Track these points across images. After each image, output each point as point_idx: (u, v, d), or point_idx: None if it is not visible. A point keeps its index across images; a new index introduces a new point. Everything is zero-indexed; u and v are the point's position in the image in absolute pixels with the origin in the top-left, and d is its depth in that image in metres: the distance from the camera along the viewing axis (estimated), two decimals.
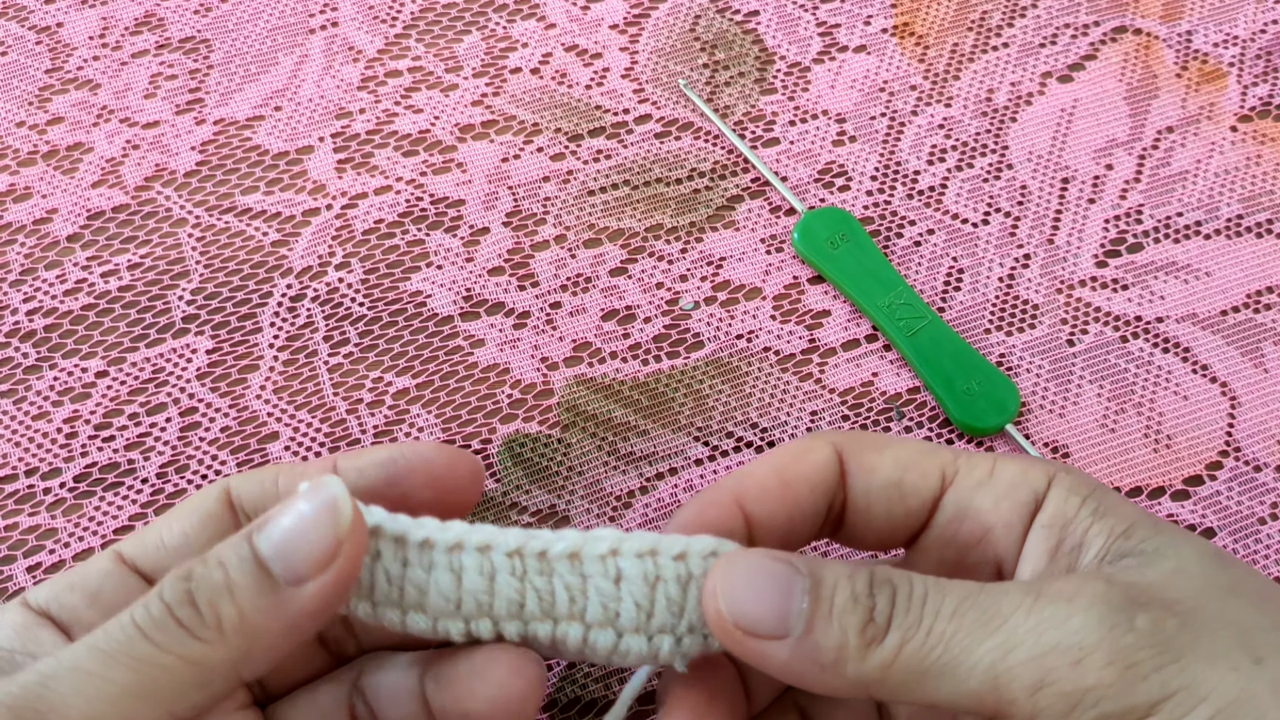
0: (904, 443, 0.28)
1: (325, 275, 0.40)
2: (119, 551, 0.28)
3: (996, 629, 0.23)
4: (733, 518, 0.27)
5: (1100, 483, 0.27)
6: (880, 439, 0.28)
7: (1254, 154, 0.44)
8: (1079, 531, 0.26)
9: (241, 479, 0.29)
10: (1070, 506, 0.26)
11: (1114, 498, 0.27)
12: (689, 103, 0.44)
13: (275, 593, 0.24)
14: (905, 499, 0.28)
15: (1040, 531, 0.26)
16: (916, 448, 0.28)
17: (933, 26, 0.47)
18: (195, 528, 0.28)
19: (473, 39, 0.45)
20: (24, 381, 0.38)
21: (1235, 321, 0.41)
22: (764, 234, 0.42)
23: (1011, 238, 0.42)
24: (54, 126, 0.43)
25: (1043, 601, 0.23)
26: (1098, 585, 0.24)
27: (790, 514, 0.28)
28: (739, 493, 0.27)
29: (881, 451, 0.28)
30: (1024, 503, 0.27)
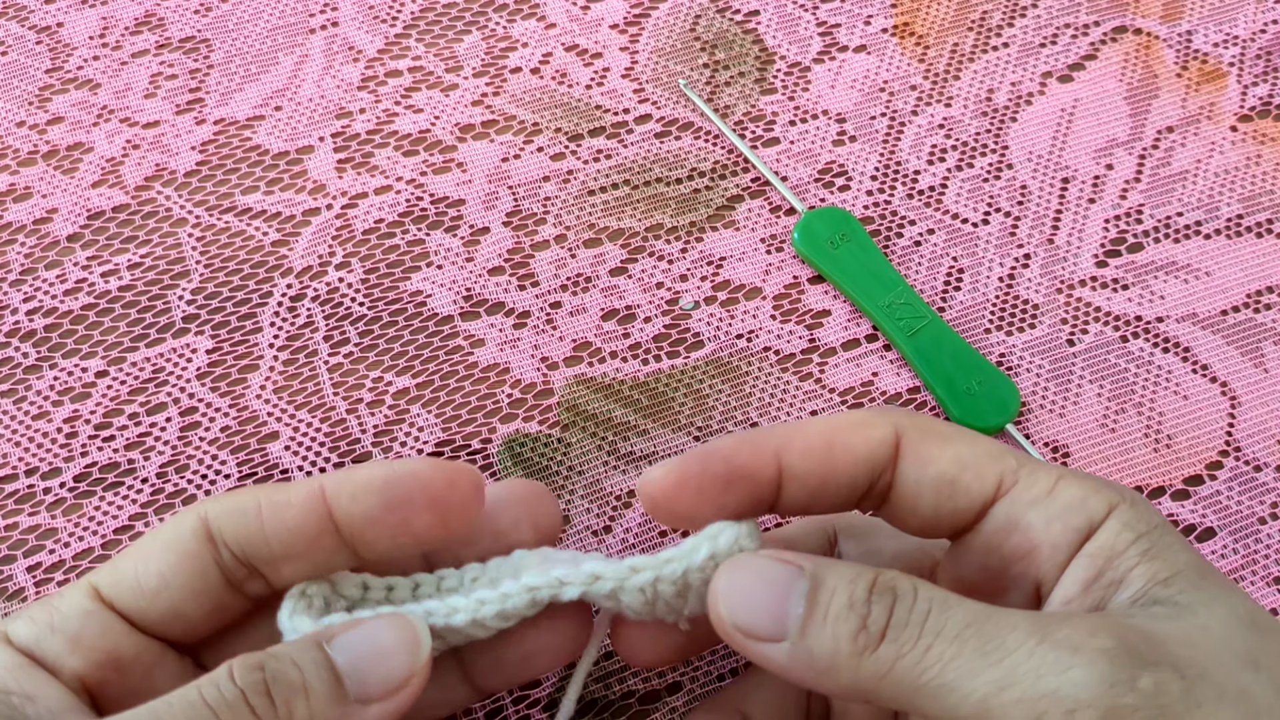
0: (970, 440, 0.27)
1: (325, 275, 0.40)
2: (95, 586, 0.27)
3: (997, 662, 0.23)
4: (765, 467, 0.27)
5: (1165, 521, 0.26)
6: (946, 430, 0.27)
7: (1254, 154, 0.44)
8: (1121, 569, 0.25)
9: (219, 509, 0.27)
10: (1121, 542, 0.25)
11: (1171, 539, 0.25)
12: (689, 102, 0.44)
13: (344, 705, 0.25)
14: (955, 498, 0.27)
15: (1083, 560, 0.25)
16: (982, 448, 0.27)
17: (933, 26, 0.47)
18: (172, 568, 0.27)
19: (473, 39, 0.45)
20: (24, 381, 0.38)
21: (1235, 321, 0.41)
22: (764, 234, 0.42)
23: (1011, 237, 0.42)
24: (54, 126, 0.43)
25: (1047, 645, 0.23)
26: (1107, 640, 0.23)
27: (826, 481, 0.27)
28: (782, 446, 0.27)
29: (943, 444, 0.27)
30: (1076, 528, 0.26)
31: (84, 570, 0.35)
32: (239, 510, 0.27)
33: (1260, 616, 0.25)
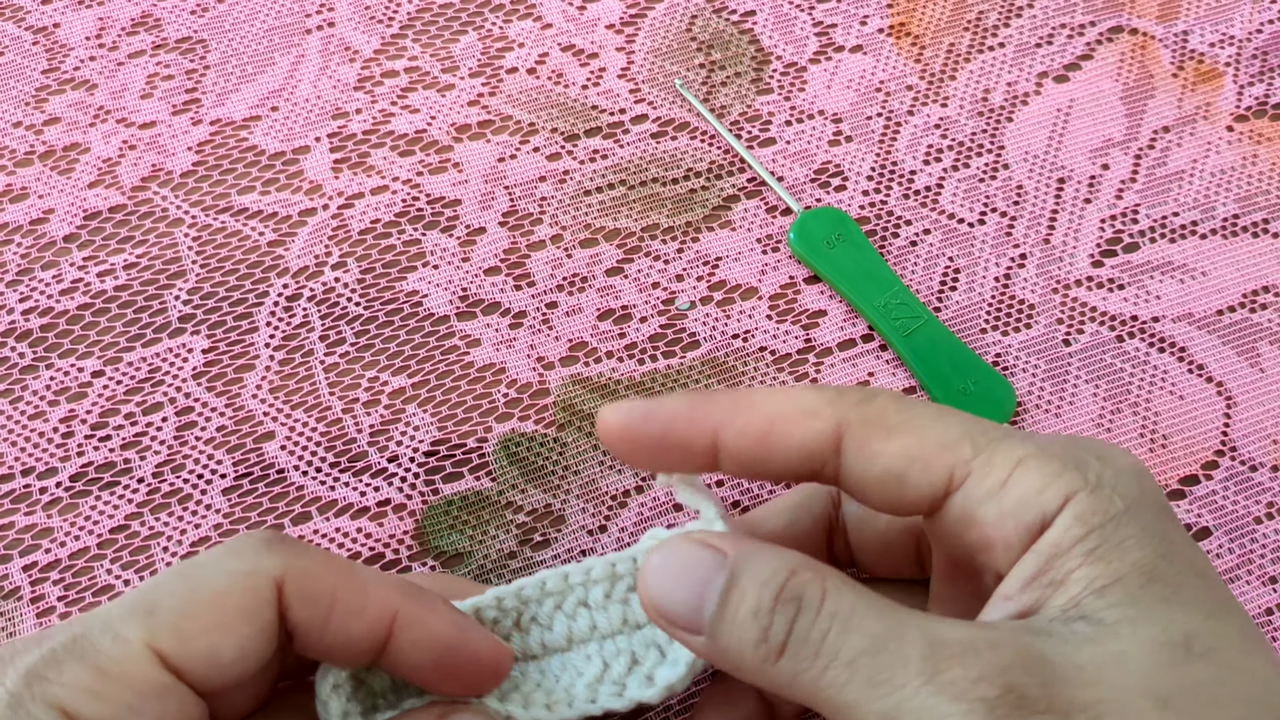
0: (921, 427, 0.26)
1: (321, 275, 0.40)
2: (159, 652, 0.24)
3: (885, 695, 0.22)
4: (700, 438, 0.27)
5: (1130, 506, 0.24)
6: (896, 419, 0.26)
7: (1250, 154, 0.44)
8: (1064, 570, 0.24)
9: (296, 586, 0.25)
10: (1068, 538, 0.24)
11: (1126, 532, 0.24)
12: (685, 103, 0.44)
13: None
14: (904, 492, 0.26)
15: (1029, 557, 0.24)
16: (933, 437, 0.25)
17: (929, 26, 0.47)
18: (251, 641, 0.25)
19: (469, 39, 0.45)
20: (20, 381, 0.38)
21: (1231, 321, 0.41)
22: (760, 234, 0.42)
23: (1007, 237, 0.42)
24: (51, 127, 0.43)
25: (931, 688, 0.22)
26: (991, 688, 0.22)
27: (761, 463, 0.27)
28: (722, 422, 0.26)
29: (889, 438, 0.25)
30: (1028, 525, 0.24)
31: (80, 569, 0.35)
32: (312, 598, 0.25)
33: (1198, 636, 0.23)
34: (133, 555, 0.36)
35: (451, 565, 0.36)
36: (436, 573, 0.34)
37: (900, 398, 0.26)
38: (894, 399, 0.26)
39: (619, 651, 0.29)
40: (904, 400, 0.26)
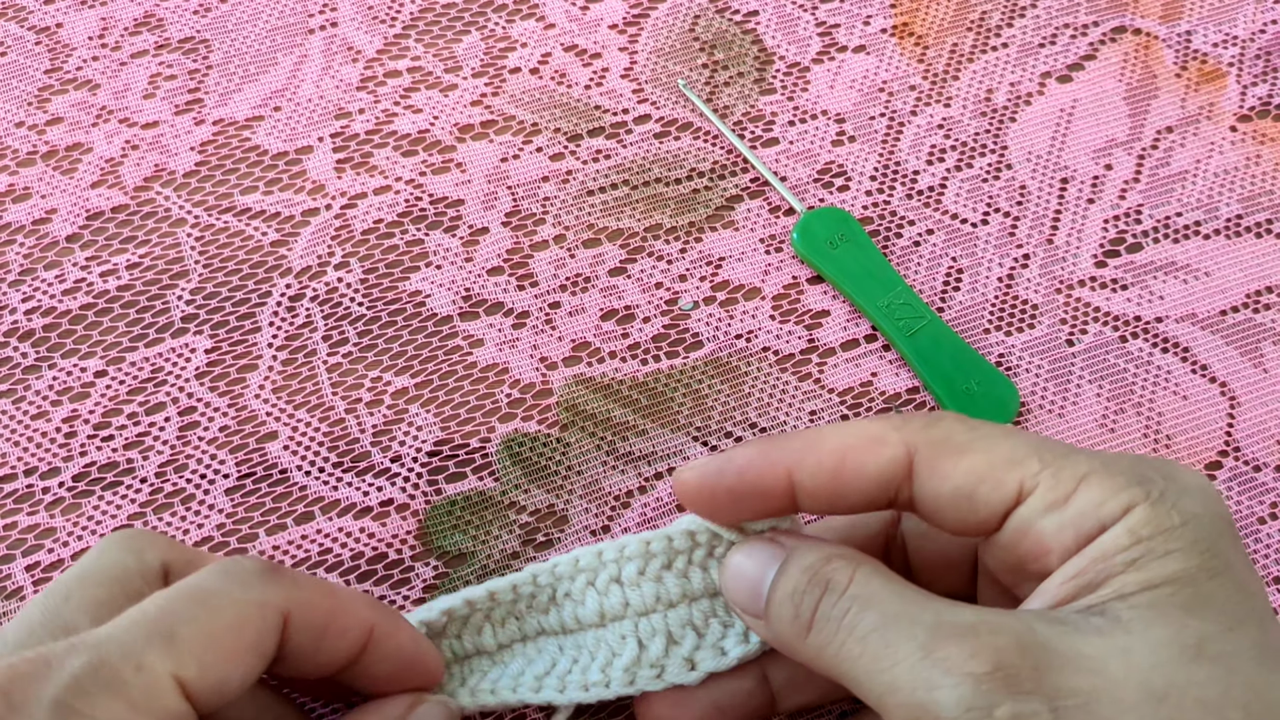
0: (989, 445, 0.26)
1: (324, 275, 0.40)
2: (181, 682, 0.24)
3: (888, 668, 0.24)
4: (778, 482, 0.28)
5: (1187, 521, 0.24)
6: (963, 439, 0.26)
7: (1253, 154, 0.44)
8: (1102, 574, 0.24)
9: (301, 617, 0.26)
10: (1115, 546, 0.24)
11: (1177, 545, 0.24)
12: (688, 103, 0.44)
13: None
14: (976, 509, 0.26)
15: (1076, 559, 0.25)
16: (1001, 454, 0.26)
17: (932, 26, 0.47)
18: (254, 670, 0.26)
19: (472, 39, 0.45)
20: (23, 381, 0.38)
21: (1234, 321, 0.41)
22: (763, 234, 0.42)
23: (1011, 238, 0.42)
24: (53, 127, 0.43)
25: (929, 661, 0.23)
26: (982, 664, 0.23)
27: (839, 497, 0.28)
28: (795, 463, 0.27)
29: (958, 458, 0.26)
30: (1087, 534, 0.25)
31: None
32: (312, 627, 0.27)
33: (1212, 641, 0.23)
34: None
35: (454, 565, 0.36)
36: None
37: (965, 420, 0.27)
38: (960, 421, 0.27)
39: (654, 631, 0.30)
40: (970, 421, 0.27)
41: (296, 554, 0.36)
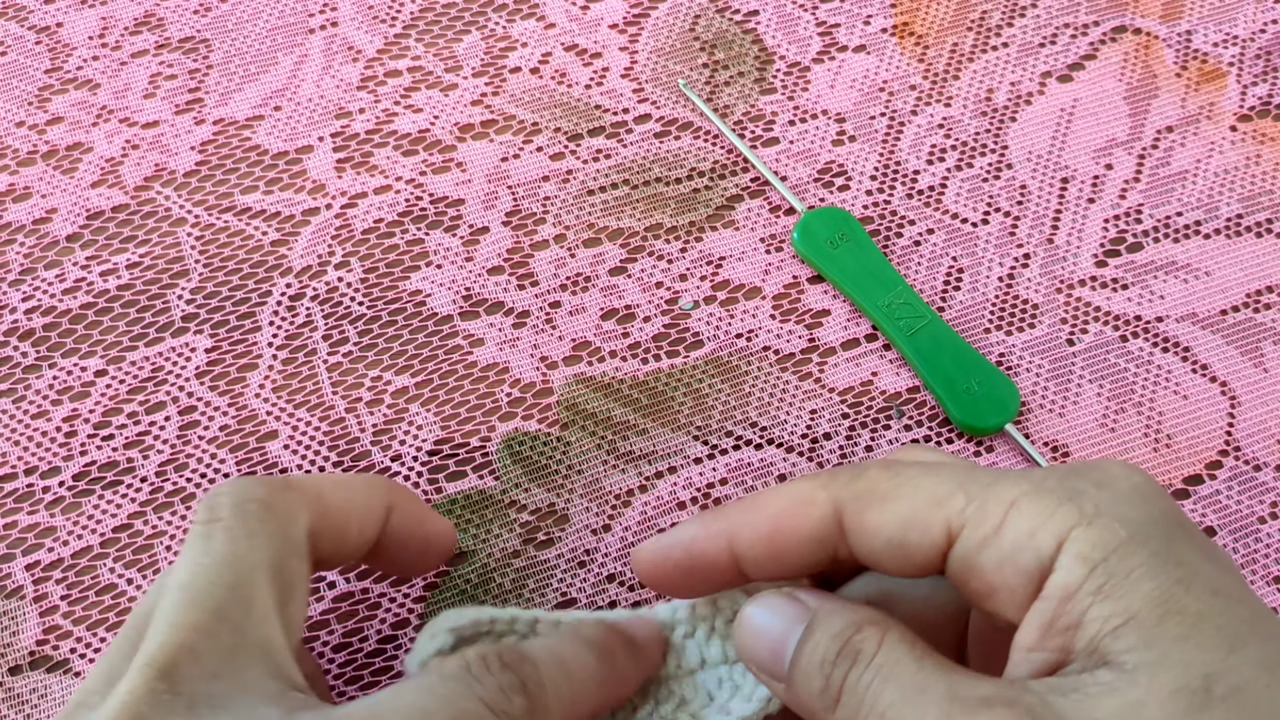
0: (912, 491, 0.26)
1: (325, 274, 0.40)
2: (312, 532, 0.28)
3: None
4: (720, 554, 0.28)
5: (1134, 532, 0.24)
6: (886, 488, 0.26)
7: (1254, 153, 0.44)
8: (1077, 611, 0.23)
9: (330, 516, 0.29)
10: (1074, 578, 0.23)
11: (1133, 562, 0.23)
12: (688, 102, 0.44)
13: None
14: (910, 556, 0.26)
15: (1040, 604, 0.24)
16: (925, 496, 0.25)
17: (932, 26, 0.47)
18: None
19: (472, 39, 0.45)
20: (23, 380, 0.38)
21: (1235, 321, 0.41)
22: (763, 233, 0.42)
23: (1011, 237, 0.42)
24: (53, 126, 0.43)
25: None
26: None
27: (779, 561, 0.27)
28: (732, 533, 0.27)
29: (883, 507, 0.26)
30: (1027, 570, 0.24)
31: (83, 568, 0.35)
32: (335, 521, 0.29)
33: (1219, 677, 0.22)
34: (135, 554, 0.36)
35: (455, 564, 0.36)
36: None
37: (889, 465, 0.27)
38: (884, 469, 0.26)
39: (670, 694, 0.30)
40: (893, 467, 0.26)
41: None
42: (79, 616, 0.35)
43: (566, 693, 0.27)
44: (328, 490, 0.29)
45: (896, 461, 0.27)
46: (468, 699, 0.25)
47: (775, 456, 0.38)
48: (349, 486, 0.30)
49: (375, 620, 0.35)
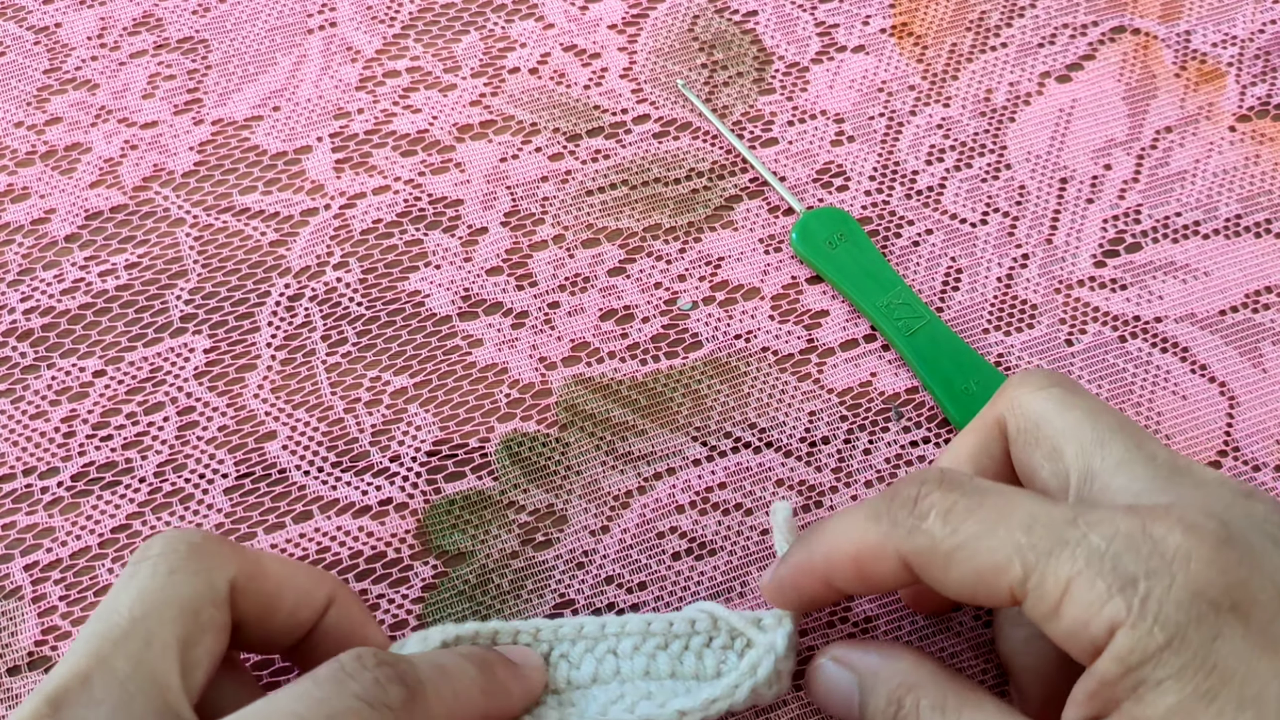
0: (971, 554, 0.26)
1: (323, 275, 0.40)
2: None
3: None
4: (826, 590, 0.30)
5: (1172, 638, 0.24)
6: (947, 547, 0.26)
7: (1252, 154, 0.44)
8: (1112, 699, 0.24)
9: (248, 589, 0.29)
10: (1112, 674, 0.24)
11: (1164, 674, 0.24)
12: (687, 103, 0.44)
13: None
14: (984, 603, 0.27)
15: (1086, 679, 0.25)
16: (985, 561, 0.26)
17: (931, 26, 0.47)
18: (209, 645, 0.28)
19: (471, 39, 0.45)
20: (22, 381, 0.38)
21: (1234, 321, 0.41)
22: (762, 234, 0.42)
23: (1010, 237, 0.42)
24: (52, 127, 0.43)
25: None
26: None
27: (878, 590, 0.29)
28: (828, 576, 0.30)
29: (947, 571, 0.27)
30: (1082, 649, 0.25)
31: (81, 569, 0.35)
32: (262, 596, 0.29)
33: None
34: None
35: (453, 564, 0.36)
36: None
37: (947, 511, 0.27)
38: (941, 517, 0.27)
39: (635, 690, 0.31)
40: (950, 515, 0.27)
41: (295, 552, 0.36)
42: (77, 617, 0.35)
43: (446, 690, 0.28)
44: (268, 559, 0.30)
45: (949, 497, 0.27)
46: (342, 697, 0.26)
47: (774, 460, 0.38)
48: (292, 565, 0.31)
49: None
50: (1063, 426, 0.29)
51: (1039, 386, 0.30)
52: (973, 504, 0.26)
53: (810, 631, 0.35)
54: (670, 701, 0.31)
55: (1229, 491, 0.26)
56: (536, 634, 0.32)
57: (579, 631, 0.32)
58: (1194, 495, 0.26)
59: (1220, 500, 0.26)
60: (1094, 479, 0.28)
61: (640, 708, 0.30)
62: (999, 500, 0.26)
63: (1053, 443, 0.29)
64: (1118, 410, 0.29)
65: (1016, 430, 0.30)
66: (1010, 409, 0.30)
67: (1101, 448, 0.28)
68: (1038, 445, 0.29)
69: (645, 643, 0.32)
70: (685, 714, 0.30)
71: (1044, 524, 0.25)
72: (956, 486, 0.27)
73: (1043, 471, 0.29)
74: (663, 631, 0.32)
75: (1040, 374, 0.31)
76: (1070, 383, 0.30)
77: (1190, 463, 0.28)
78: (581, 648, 0.32)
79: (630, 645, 0.32)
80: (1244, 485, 0.27)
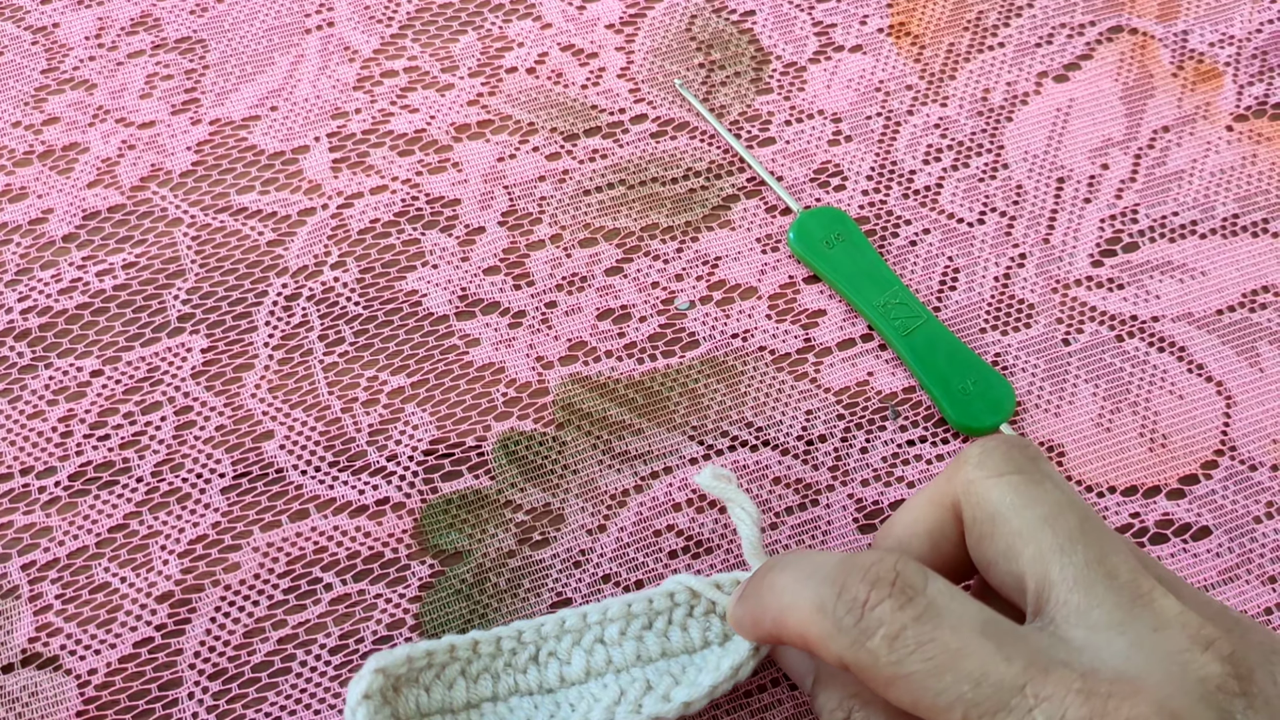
0: (910, 689, 0.26)
1: (321, 274, 0.40)
2: None
3: None
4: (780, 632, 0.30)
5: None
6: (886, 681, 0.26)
7: (1249, 153, 0.44)
8: None
9: None
10: None
11: None
12: (685, 102, 0.44)
13: None
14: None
15: None
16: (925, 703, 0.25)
17: (929, 26, 0.47)
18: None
19: (468, 39, 0.45)
20: (19, 380, 0.38)
21: (1231, 321, 0.41)
22: (759, 233, 0.42)
23: (1007, 237, 0.42)
24: (50, 126, 0.43)
25: None
26: None
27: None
28: (779, 639, 0.29)
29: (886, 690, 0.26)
30: None
31: (78, 568, 0.35)
32: None
33: None
34: (131, 554, 0.36)
35: (450, 564, 0.36)
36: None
37: (894, 633, 0.26)
38: (887, 641, 0.26)
39: (634, 680, 0.31)
40: (898, 640, 0.26)
41: (292, 551, 0.36)
42: (71, 614, 0.35)
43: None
44: None
45: (905, 614, 0.26)
46: None
47: (771, 459, 0.38)
48: None
49: (371, 622, 0.35)
50: (1020, 527, 0.27)
51: (997, 472, 0.28)
52: (922, 636, 0.25)
53: None
54: (674, 693, 0.31)
55: (1187, 640, 0.25)
56: (519, 636, 0.32)
57: (561, 626, 0.32)
58: (1150, 648, 0.25)
59: (1177, 657, 0.25)
60: (1051, 589, 0.26)
61: (646, 706, 0.30)
62: (951, 641, 0.25)
63: (1009, 542, 0.27)
64: (1081, 503, 0.28)
65: (972, 520, 0.29)
66: (966, 495, 0.29)
67: (1061, 556, 0.26)
68: (993, 541, 0.28)
69: (630, 625, 0.32)
70: (690, 704, 0.30)
71: (993, 684, 0.25)
72: (908, 604, 0.26)
73: (998, 568, 0.28)
74: (644, 611, 0.32)
75: (999, 452, 0.29)
76: (1031, 463, 0.28)
77: (1152, 587, 0.26)
78: (568, 642, 0.32)
79: (616, 631, 0.32)
80: (1204, 629, 0.25)
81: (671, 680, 0.31)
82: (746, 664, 0.31)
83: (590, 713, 0.31)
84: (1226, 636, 0.25)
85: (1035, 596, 0.27)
